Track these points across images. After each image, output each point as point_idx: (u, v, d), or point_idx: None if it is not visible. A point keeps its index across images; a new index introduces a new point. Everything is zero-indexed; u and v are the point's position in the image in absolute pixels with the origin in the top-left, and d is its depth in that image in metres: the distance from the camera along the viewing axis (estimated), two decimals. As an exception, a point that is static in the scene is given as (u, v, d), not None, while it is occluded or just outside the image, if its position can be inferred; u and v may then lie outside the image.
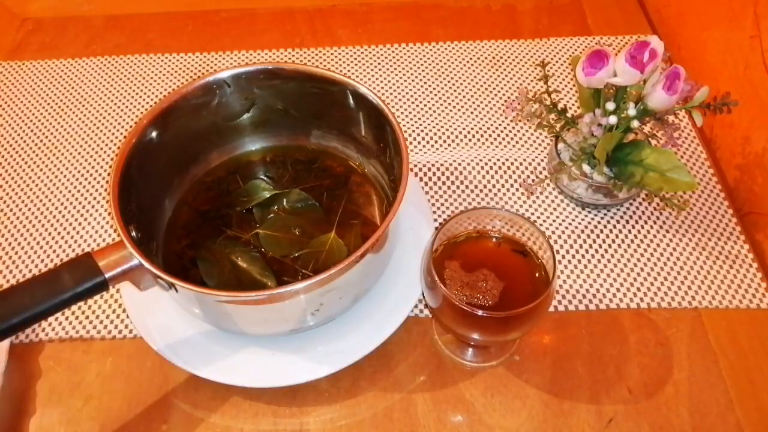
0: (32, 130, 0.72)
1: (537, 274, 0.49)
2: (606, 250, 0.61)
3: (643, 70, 0.53)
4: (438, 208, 0.65)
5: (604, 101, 0.56)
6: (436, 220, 0.63)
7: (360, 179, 0.61)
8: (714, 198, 0.64)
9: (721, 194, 0.65)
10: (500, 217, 0.51)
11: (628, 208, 0.64)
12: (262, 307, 0.48)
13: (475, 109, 0.74)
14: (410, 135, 0.71)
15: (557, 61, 0.78)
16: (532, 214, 0.64)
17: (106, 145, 0.71)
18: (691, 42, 0.77)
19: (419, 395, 0.53)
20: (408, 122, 0.73)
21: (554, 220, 0.63)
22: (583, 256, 0.61)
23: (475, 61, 0.79)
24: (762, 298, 0.57)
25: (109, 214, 0.65)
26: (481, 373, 0.54)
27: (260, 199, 0.59)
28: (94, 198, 0.66)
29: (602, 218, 0.63)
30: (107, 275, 0.45)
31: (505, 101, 0.74)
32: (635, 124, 0.55)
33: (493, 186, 0.66)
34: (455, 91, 0.76)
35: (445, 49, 0.80)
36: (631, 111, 0.55)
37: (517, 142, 0.70)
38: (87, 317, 0.57)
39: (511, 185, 0.66)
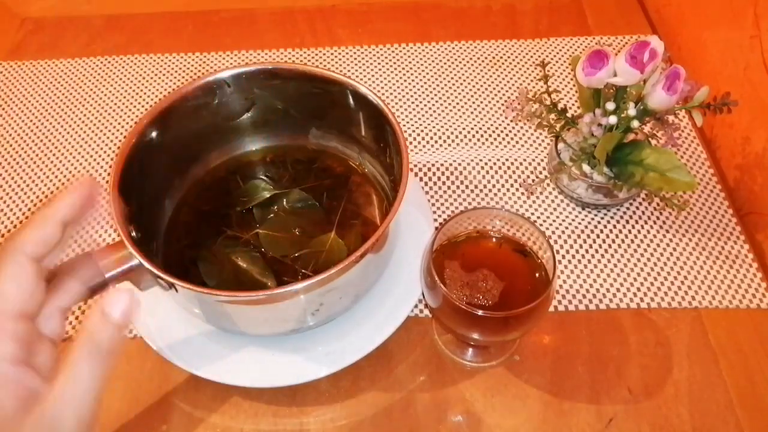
0: (32, 130, 0.72)
1: (537, 274, 0.49)
2: (606, 250, 0.61)
3: (643, 70, 0.53)
4: (438, 208, 0.65)
5: (604, 101, 0.56)
6: (436, 220, 0.63)
7: (360, 179, 0.61)
8: (714, 198, 0.64)
9: (721, 194, 0.65)
10: (500, 217, 0.51)
11: (628, 208, 0.64)
12: (262, 307, 0.48)
13: (475, 109, 0.74)
14: (410, 135, 0.71)
15: (557, 61, 0.78)
16: (532, 214, 0.64)
17: (106, 145, 0.71)
18: (691, 42, 0.77)
19: (419, 395, 0.53)
20: (408, 122, 0.72)
21: (554, 220, 0.63)
22: (583, 256, 0.61)
23: (475, 61, 0.79)
24: (762, 298, 0.57)
25: (109, 214, 0.64)
26: (481, 373, 0.54)
27: (260, 199, 0.59)
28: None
29: (602, 218, 0.63)
30: (107, 275, 0.44)
31: (505, 101, 0.74)
32: (635, 124, 0.55)
33: (493, 186, 0.66)
34: (455, 91, 0.76)
35: (445, 49, 0.80)
36: (631, 111, 0.54)
37: (517, 142, 0.70)
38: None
39: (511, 185, 0.66)
